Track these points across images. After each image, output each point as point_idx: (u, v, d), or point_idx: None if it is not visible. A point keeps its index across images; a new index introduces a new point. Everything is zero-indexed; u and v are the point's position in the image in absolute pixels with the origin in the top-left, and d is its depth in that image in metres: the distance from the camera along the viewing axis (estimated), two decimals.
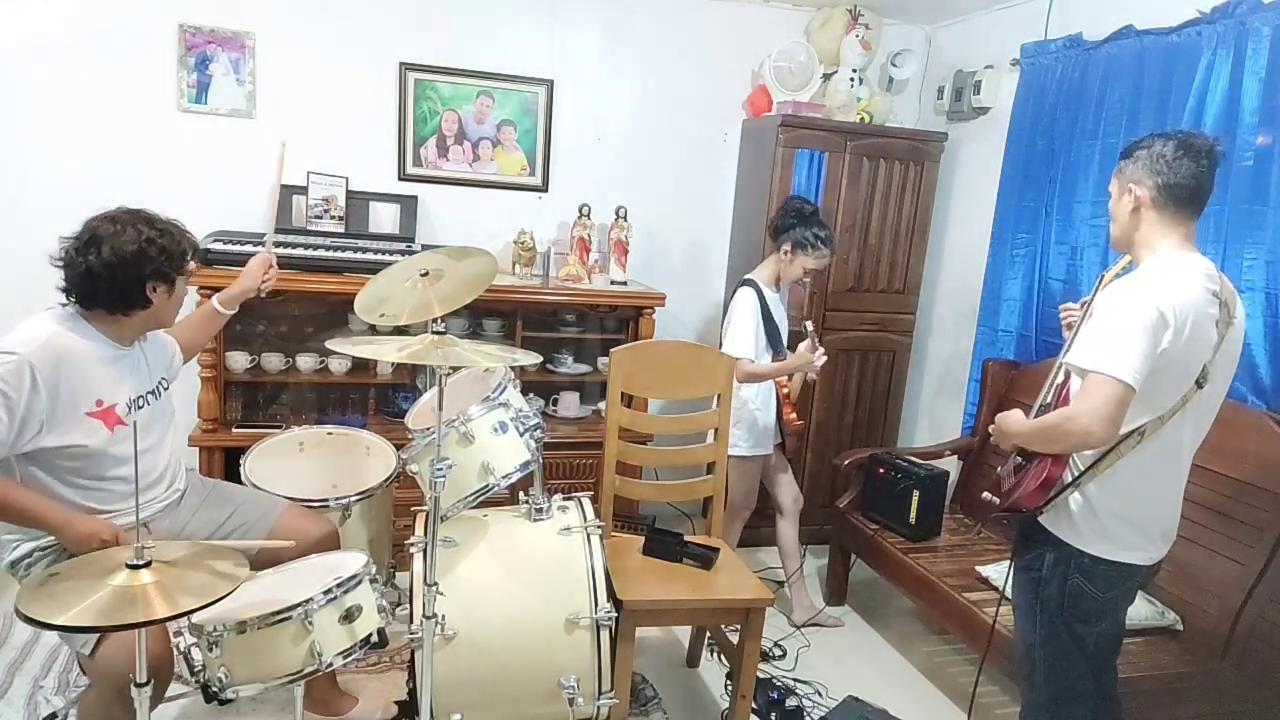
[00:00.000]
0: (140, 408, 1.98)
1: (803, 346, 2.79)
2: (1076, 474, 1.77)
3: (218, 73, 3.27)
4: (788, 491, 3.16)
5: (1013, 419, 1.80)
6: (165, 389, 2.11)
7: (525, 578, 2.12)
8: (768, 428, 3.03)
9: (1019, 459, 1.86)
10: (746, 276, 3.02)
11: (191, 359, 2.36)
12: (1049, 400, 1.84)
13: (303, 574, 1.96)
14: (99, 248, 1.82)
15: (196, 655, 1.71)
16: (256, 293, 2.35)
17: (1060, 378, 1.83)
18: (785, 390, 3.00)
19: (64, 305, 1.90)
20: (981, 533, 3.13)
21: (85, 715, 1.93)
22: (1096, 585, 1.78)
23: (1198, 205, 1.73)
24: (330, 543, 2.19)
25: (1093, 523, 1.77)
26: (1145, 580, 1.94)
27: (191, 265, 1.99)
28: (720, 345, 2.94)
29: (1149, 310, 1.62)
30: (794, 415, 3.02)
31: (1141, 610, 2.39)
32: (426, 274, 1.86)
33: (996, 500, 1.88)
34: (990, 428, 1.87)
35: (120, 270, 1.83)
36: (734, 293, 3.02)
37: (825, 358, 2.84)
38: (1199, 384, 1.70)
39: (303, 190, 3.30)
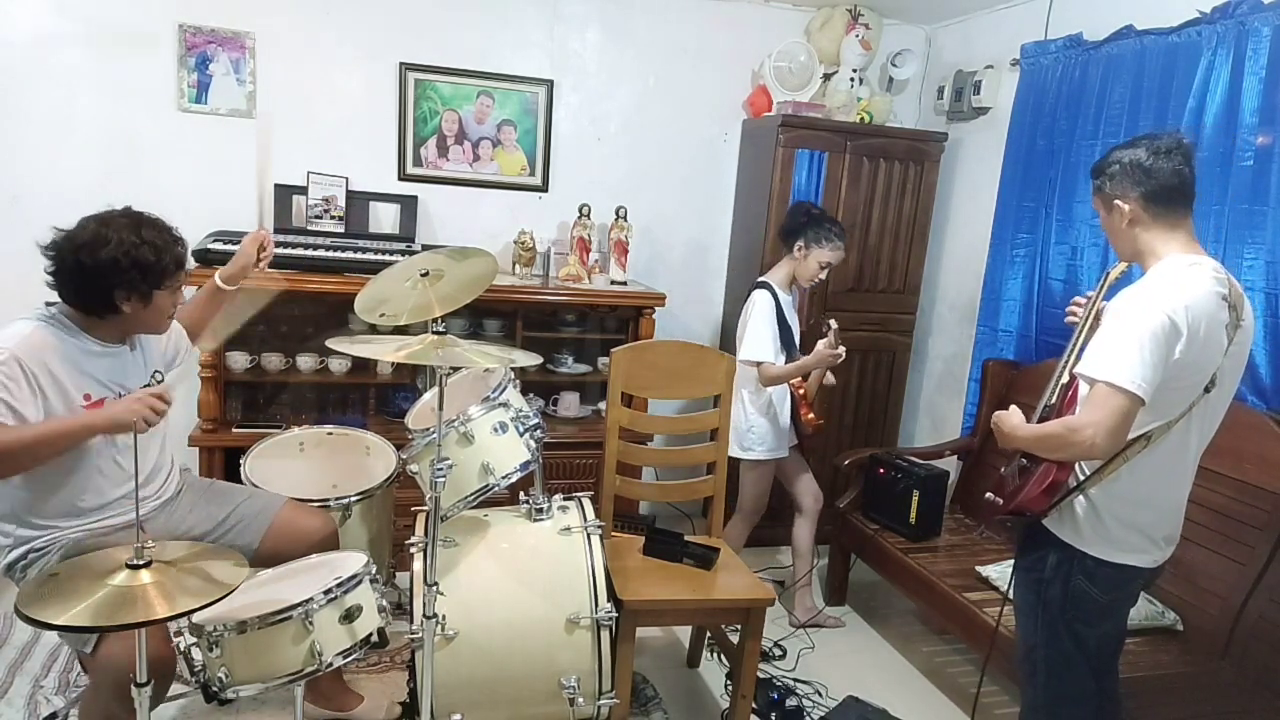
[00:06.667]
0: None
1: (822, 344, 2.76)
2: (1081, 478, 1.75)
3: (218, 73, 3.27)
4: (808, 490, 3.13)
5: (1013, 420, 1.76)
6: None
7: (526, 578, 2.12)
8: (785, 430, 3.01)
9: (1023, 460, 1.84)
10: (760, 279, 3.00)
11: (208, 344, 2.34)
12: (1053, 401, 1.81)
13: (303, 574, 1.96)
14: (79, 248, 1.81)
15: (196, 655, 1.71)
16: (255, 266, 2.25)
17: (1065, 378, 1.80)
18: (801, 391, 2.98)
19: (49, 305, 1.90)
20: (984, 533, 3.13)
21: (85, 713, 1.93)
22: (1099, 587, 1.77)
23: (1188, 202, 1.71)
24: (329, 538, 2.19)
25: (1097, 526, 1.75)
26: (1148, 582, 1.93)
27: (177, 279, 1.93)
28: (736, 349, 2.91)
29: (1160, 319, 1.58)
30: (811, 415, 3.00)
31: (1141, 610, 2.39)
32: (426, 274, 1.86)
33: (1000, 501, 1.86)
34: (991, 422, 1.84)
35: (91, 276, 1.82)
36: (748, 295, 2.99)
37: (844, 354, 2.78)
38: (1207, 389, 1.68)
39: (303, 190, 3.30)
